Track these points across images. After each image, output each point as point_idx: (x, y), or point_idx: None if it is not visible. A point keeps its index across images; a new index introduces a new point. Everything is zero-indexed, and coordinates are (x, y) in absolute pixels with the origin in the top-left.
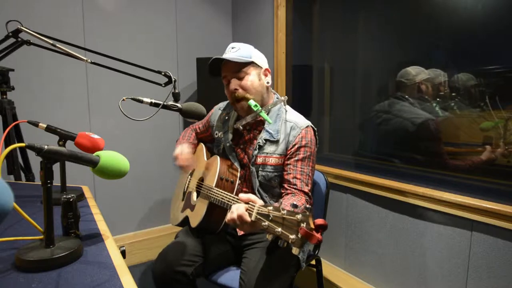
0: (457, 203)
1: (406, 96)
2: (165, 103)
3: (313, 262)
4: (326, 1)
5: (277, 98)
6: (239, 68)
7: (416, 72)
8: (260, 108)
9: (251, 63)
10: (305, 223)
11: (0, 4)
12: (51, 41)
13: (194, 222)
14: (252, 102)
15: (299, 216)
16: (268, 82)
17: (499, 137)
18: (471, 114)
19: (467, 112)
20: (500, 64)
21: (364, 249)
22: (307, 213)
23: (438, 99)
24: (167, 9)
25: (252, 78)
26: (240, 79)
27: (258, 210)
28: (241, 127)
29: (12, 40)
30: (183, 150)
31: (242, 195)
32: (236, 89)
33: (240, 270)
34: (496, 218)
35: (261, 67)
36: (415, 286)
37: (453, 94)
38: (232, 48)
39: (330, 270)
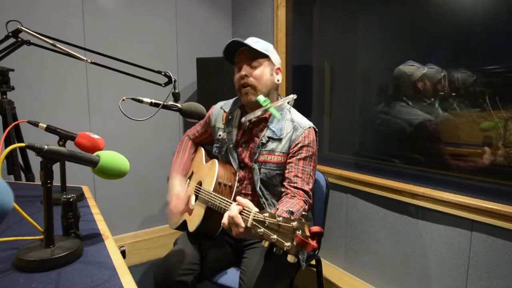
0: (457, 203)
1: (404, 98)
2: (165, 103)
3: (313, 262)
4: (326, 1)
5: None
6: (254, 57)
7: (411, 71)
8: (269, 104)
9: (267, 57)
10: (300, 231)
11: (0, 4)
12: (51, 41)
13: (192, 226)
14: (261, 98)
15: (294, 224)
16: (278, 80)
17: (499, 137)
18: (470, 115)
19: (466, 112)
20: (500, 64)
21: (364, 249)
22: (303, 220)
23: (436, 99)
24: (167, 9)
25: (264, 71)
26: (253, 68)
27: (254, 216)
28: (247, 122)
29: (12, 40)
30: (179, 196)
31: (239, 198)
32: (246, 75)
33: (240, 270)
34: (496, 218)
35: (274, 65)
36: (415, 286)
37: (453, 94)
38: (252, 39)
39: (330, 270)
